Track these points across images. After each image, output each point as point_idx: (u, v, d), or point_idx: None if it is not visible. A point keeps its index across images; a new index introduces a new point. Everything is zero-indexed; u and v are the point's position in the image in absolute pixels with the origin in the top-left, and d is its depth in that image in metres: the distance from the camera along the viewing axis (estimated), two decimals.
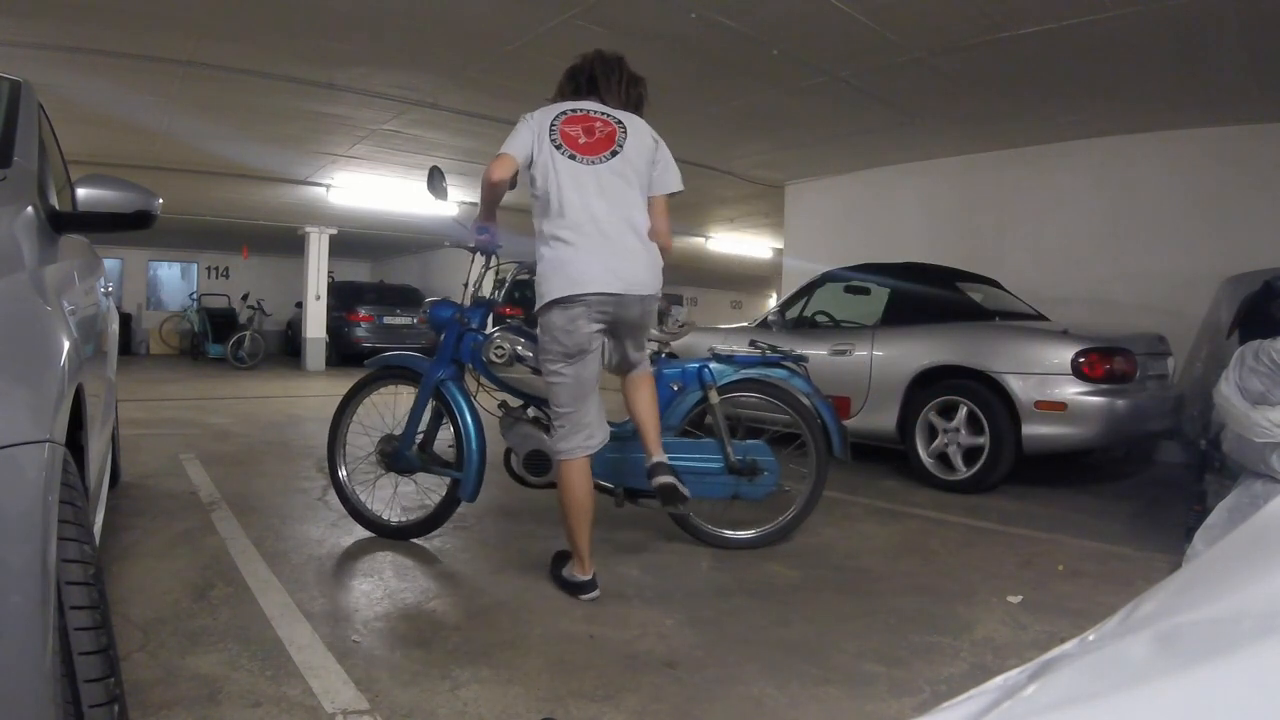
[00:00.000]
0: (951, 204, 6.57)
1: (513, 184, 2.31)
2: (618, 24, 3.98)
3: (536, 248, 2.32)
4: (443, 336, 2.78)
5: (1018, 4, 3.62)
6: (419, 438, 2.80)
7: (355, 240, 12.55)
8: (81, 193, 1.55)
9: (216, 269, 15.58)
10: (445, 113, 5.71)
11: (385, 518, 2.93)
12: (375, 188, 8.45)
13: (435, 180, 2.69)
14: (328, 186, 8.51)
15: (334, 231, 11.65)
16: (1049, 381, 3.85)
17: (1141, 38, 3.89)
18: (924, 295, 4.65)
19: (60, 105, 4.89)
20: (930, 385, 4.24)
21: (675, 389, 2.90)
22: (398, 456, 2.78)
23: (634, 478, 2.73)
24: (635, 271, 2.25)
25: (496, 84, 5.04)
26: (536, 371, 2.66)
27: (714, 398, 2.83)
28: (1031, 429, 3.86)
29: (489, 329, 2.84)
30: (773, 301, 11.34)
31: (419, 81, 5.12)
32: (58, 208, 1.64)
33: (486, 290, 2.93)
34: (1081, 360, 3.81)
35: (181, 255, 15.29)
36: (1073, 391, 3.80)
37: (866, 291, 4.91)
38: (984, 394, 3.98)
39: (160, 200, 1.66)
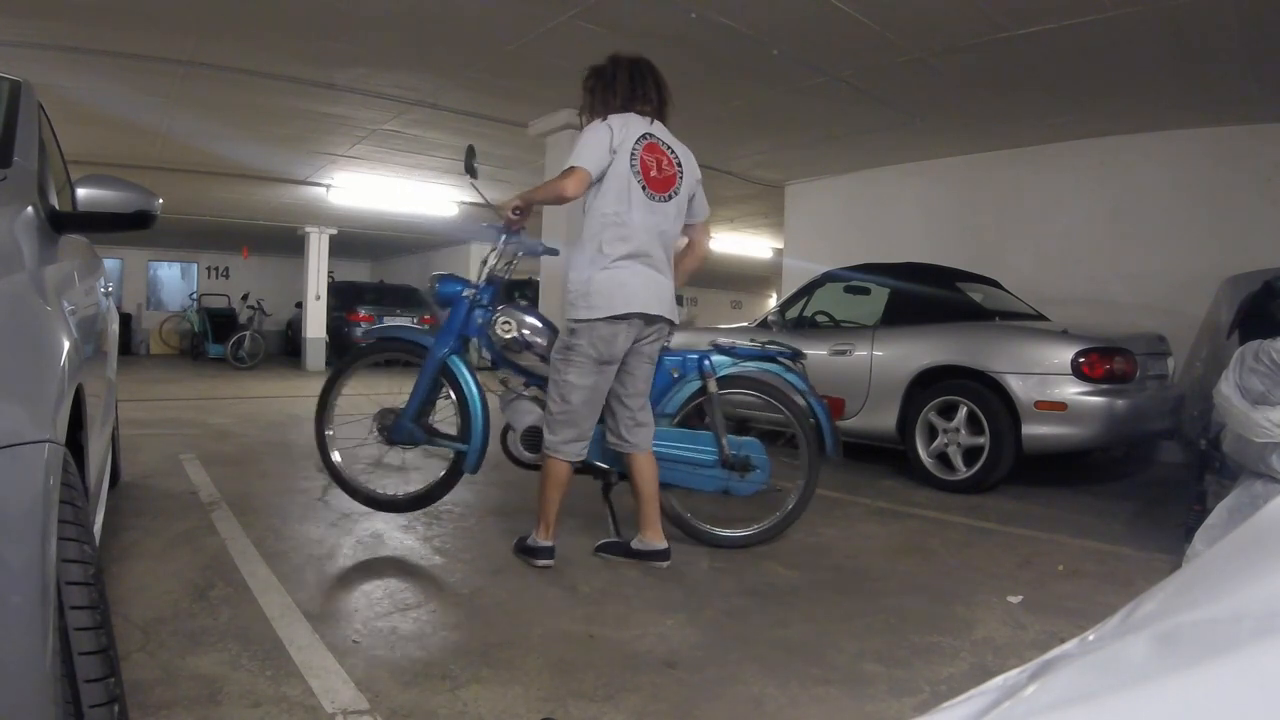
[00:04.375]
0: (951, 204, 6.57)
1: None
2: (618, 24, 3.98)
3: (580, 259, 2.43)
4: (450, 311, 2.79)
5: (1018, 4, 3.62)
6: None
7: (355, 240, 12.55)
8: (81, 193, 1.54)
9: (216, 269, 15.58)
10: (445, 113, 5.71)
11: (380, 492, 2.96)
12: (375, 188, 8.45)
13: (470, 158, 2.79)
14: (328, 186, 8.51)
15: (334, 231, 11.64)
16: (1049, 381, 3.85)
17: (1141, 38, 3.89)
18: (924, 295, 4.65)
19: (60, 105, 4.89)
20: (930, 385, 4.24)
21: (675, 376, 2.88)
22: (399, 429, 2.78)
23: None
24: (670, 300, 2.58)
25: (496, 84, 5.04)
26: (544, 359, 2.71)
27: (712, 387, 2.83)
28: (1031, 429, 3.86)
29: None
30: (773, 301, 11.34)
31: (419, 81, 5.12)
32: (58, 208, 1.63)
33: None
34: (1081, 360, 3.81)
35: (181, 255, 15.28)
36: (1073, 391, 3.80)
37: (866, 291, 4.91)
38: (984, 394, 3.98)
39: (160, 200, 1.66)
